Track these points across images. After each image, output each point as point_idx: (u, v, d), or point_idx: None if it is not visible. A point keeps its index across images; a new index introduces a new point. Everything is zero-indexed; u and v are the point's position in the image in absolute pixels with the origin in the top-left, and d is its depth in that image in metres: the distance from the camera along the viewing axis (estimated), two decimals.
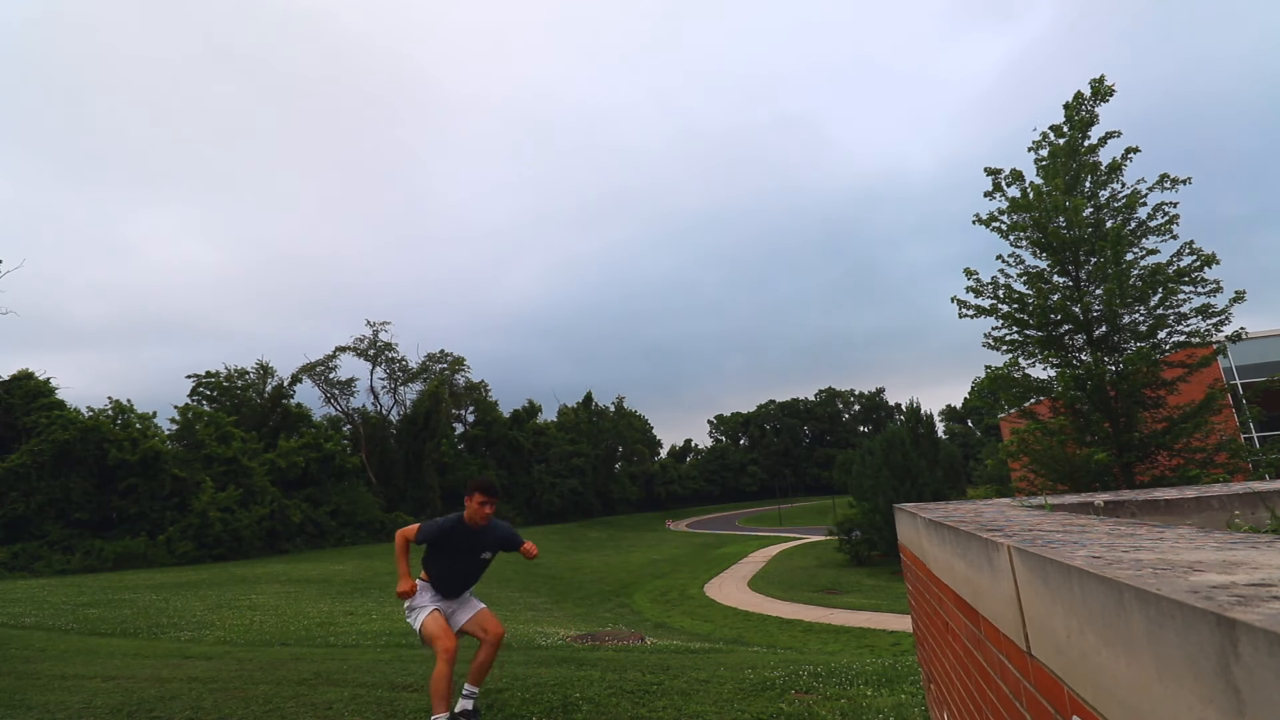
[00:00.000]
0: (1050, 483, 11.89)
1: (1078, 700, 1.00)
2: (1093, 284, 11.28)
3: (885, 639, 14.99)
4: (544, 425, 77.52)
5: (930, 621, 2.83)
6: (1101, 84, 11.15)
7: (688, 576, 30.59)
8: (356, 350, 61.78)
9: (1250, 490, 3.26)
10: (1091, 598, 0.92)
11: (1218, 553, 1.10)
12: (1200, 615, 0.65)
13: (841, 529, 33.87)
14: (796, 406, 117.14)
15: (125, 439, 35.38)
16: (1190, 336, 10.77)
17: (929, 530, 2.62)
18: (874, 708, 3.84)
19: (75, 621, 11.04)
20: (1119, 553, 1.14)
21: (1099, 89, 11.15)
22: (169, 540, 34.56)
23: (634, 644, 9.23)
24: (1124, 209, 11.07)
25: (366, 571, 25.52)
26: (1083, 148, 11.44)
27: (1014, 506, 3.12)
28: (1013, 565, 1.32)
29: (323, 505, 45.59)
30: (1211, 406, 10.88)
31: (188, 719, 4.16)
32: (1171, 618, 0.70)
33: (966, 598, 1.85)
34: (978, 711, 1.86)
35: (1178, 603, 0.69)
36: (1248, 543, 1.25)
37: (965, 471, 37.57)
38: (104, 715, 4.36)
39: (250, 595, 16.60)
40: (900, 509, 3.57)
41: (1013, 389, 12.18)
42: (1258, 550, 1.10)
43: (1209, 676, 0.64)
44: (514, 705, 4.28)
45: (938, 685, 2.91)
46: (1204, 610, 0.64)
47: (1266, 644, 0.56)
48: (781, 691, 4.27)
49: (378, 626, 10.35)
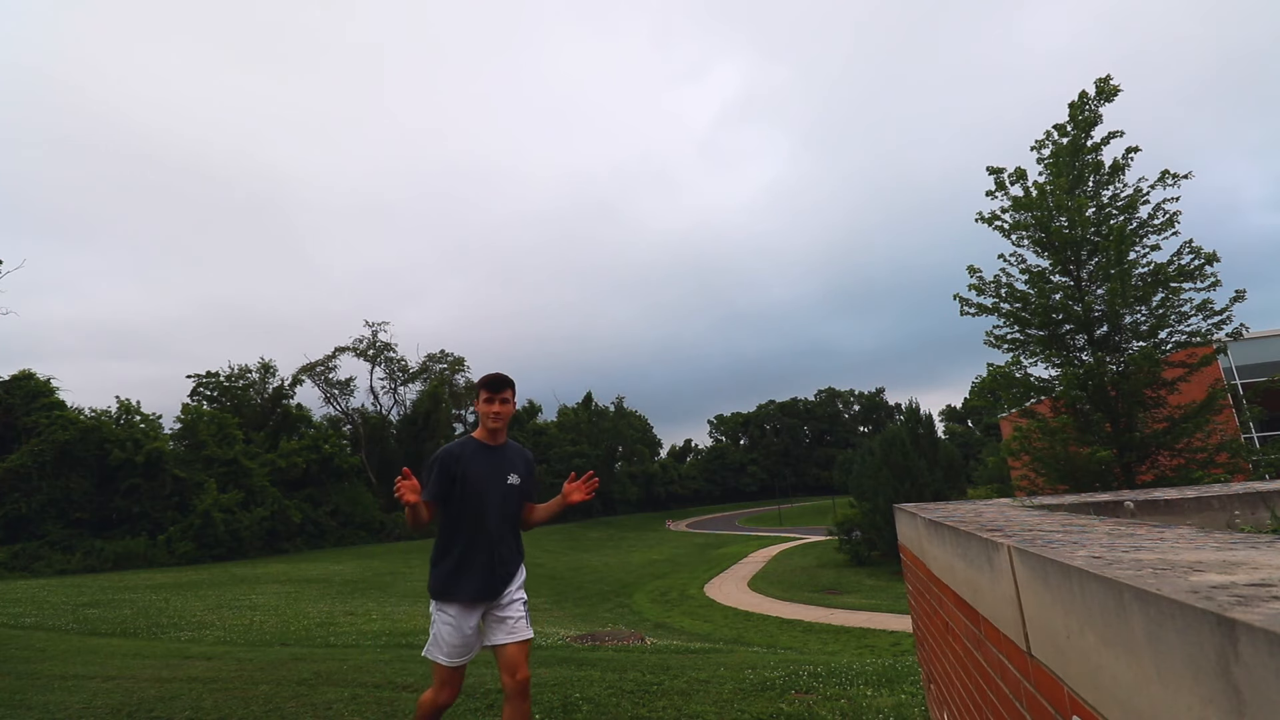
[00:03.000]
0: (1051, 482, 11.89)
1: (1078, 700, 1.00)
2: (1094, 283, 11.28)
3: (885, 639, 14.99)
4: (544, 425, 77.57)
5: (930, 621, 2.83)
6: (1106, 83, 11.13)
7: (688, 576, 30.59)
8: (356, 350, 61.84)
9: (1251, 490, 3.25)
10: (1091, 598, 0.92)
11: (1218, 553, 1.09)
12: (1200, 615, 0.64)
13: (841, 529, 33.86)
14: (796, 406, 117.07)
15: (128, 439, 35.45)
16: (1191, 336, 10.77)
17: (929, 530, 2.61)
18: (874, 708, 3.83)
19: (75, 622, 11.05)
20: (1119, 553, 1.13)
21: (1104, 88, 11.14)
22: (169, 540, 34.61)
23: (634, 644, 9.22)
24: (1126, 208, 11.07)
25: (366, 571, 25.55)
26: (1085, 147, 11.44)
27: (1014, 506, 3.12)
28: (1013, 565, 1.32)
29: (323, 505, 45.63)
30: (1212, 406, 10.88)
31: (188, 719, 4.16)
32: (1171, 618, 0.70)
33: (966, 598, 1.84)
34: (978, 711, 1.86)
35: (1178, 603, 0.69)
36: (1248, 543, 1.24)
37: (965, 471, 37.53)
38: (104, 715, 4.36)
39: (250, 595, 16.61)
40: (900, 509, 3.57)
41: (1013, 388, 12.18)
42: (1258, 550, 1.10)
43: (1209, 676, 0.64)
44: None
45: (938, 685, 2.90)
46: (1204, 610, 0.64)
47: (1266, 644, 0.56)
48: (781, 691, 4.27)
49: (378, 626, 10.35)
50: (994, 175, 12.11)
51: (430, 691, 3.14)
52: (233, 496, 37.96)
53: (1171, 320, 10.81)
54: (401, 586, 21.51)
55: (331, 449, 47.82)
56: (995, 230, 12.18)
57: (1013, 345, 11.95)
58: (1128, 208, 11.08)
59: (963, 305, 12.08)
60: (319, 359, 59.15)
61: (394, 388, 64.70)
